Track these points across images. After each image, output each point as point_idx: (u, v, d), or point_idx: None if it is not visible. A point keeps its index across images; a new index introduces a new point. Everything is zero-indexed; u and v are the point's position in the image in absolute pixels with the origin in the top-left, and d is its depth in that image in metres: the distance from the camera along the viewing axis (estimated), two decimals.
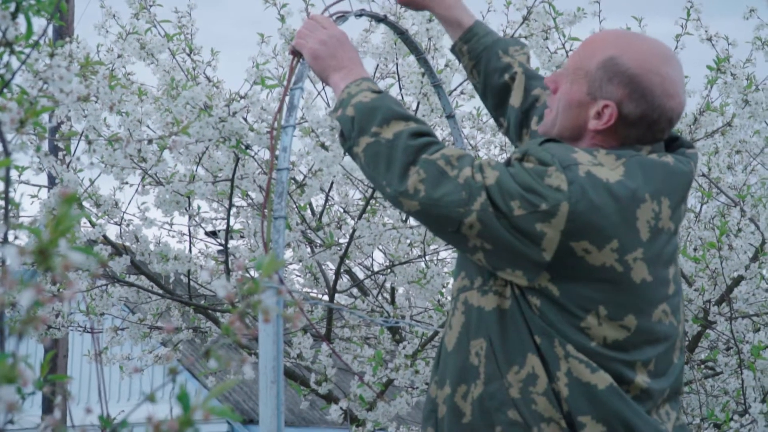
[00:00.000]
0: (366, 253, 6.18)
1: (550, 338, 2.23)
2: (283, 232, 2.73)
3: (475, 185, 2.23)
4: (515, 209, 2.20)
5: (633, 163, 2.29)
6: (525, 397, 2.24)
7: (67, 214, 1.17)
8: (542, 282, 2.24)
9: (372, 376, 5.60)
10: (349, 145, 2.46)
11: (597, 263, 2.21)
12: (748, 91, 5.42)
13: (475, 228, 2.23)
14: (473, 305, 2.35)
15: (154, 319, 5.96)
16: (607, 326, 2.23)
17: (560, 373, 2.22)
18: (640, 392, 2.27)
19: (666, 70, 2.37)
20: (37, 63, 3.57)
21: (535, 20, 5.19)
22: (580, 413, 2.21)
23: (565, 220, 2.18)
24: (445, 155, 2.30)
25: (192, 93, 4.62)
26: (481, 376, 2.30)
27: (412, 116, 2.43)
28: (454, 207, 2.24)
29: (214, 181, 5.13)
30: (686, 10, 5.69)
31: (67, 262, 1.14)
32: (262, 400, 2.65)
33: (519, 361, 2.25)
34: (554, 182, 2.19)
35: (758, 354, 5.46)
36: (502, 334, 2.28)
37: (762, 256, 5.73)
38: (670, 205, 2.31)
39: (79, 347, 13.32)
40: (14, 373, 1.11)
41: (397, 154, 2.33)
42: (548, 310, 2.23)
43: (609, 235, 2.20)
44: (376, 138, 2.38)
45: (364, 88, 2.51)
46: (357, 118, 2.44)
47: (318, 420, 15.07)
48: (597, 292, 2.23)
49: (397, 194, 2.31)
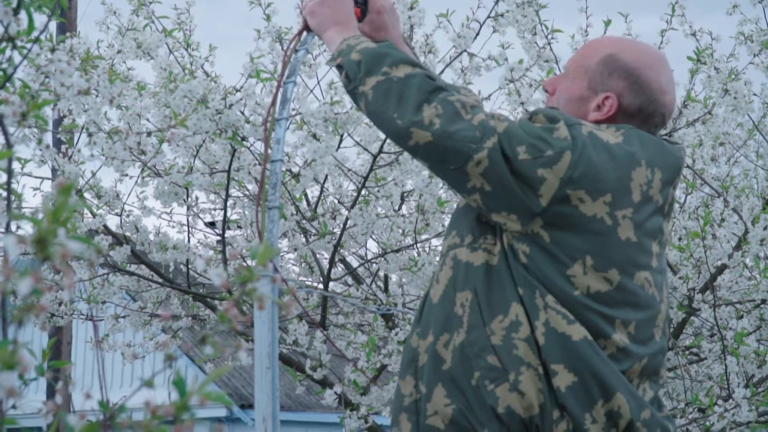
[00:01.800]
0: (359, 242, 6.23)
1: (532, 289, 2.29)
2: (278, 221, 2.78)
3: (488, 127, 2.30)
4: (521, 154, 2.28)
5: (632, 134, 2.39)
6: (506, 343, 2.29)
7: (64, 204, 1.17)
8: (534, 228, 2.31)
9: (366, 361, 5.69)
10: (354, 85, 2.49)
11: (589, 213, 2.30)
12: (728, 81, 5.49)
13: (482, 165, 2.30)
14: (462, 260, 2.41)
15: (154, 307, 6.01)
16: (592, 276, 2.31)
17: (539, 323, 2.28)
18: (616, 350, 2.32)
19: (660, 69, 2.51)
20: (38, 58, 3.67)
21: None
22: (554, 361, 2.27)
23: (567, 167, 2.27)
24: (461, 100, 2.36)
25: (189, 86, 4.70)
26: (464, 324, 2.35)
27: (419, 63, 2.50)
28: (467, 142, 2.29)
29: (211, 173, 5.18)
30: (671, 6, 5.78)
31: (65, 251, 1.15)
32: (257, 385, 2.70)
33: (503, 311, 2.31)
34: (561, 134, 2.29)
35: (741, 340, 5.54)
36: (488, 286, 2.35)
37: (745, 245, 5.80)
38: (661, 178, 2.40)
39: (82, 335, 13.41)
40: (15, 360, 1.13)
41: (411, 90, 2.38)
42: (537, 256, 2.31)
43: (604, 188, 2.30)
44: (387, 76, 2.43)
45: (364, 40, 2.58)
46: (365, 60, 2.48)
47: (313, 404, 15.17)
48: (585, 241, 2.31)
49: (411, 124, 2.34)
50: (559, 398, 2.29)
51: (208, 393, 1.24)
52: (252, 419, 14.76)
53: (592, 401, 2.29)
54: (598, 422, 2.30)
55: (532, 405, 2.29)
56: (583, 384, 2.29)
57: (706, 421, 5.39)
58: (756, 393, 5.40)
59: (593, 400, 2.30)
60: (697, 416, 5.64)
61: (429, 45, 5.23)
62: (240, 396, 15.01)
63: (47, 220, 1.16)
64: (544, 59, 5.39)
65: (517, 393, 2.29)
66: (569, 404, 2.28)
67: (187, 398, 1.22)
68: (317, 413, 15.42)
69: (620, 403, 2.31)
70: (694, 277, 5.90)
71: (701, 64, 5.57)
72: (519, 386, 2.29)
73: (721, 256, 5.82)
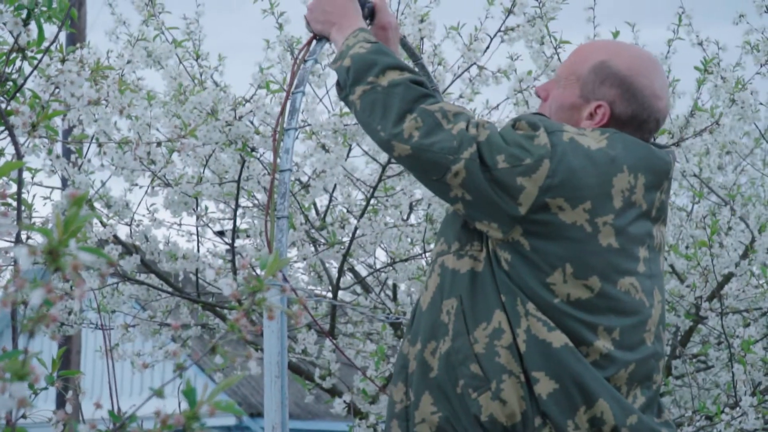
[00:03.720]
0: (368, 252, 6.24)
1: (514, 296, 2.31)
2: (287, 231, 2.79)
3: (467, 137, 2.33)
4: (499, 162, 2.31)
5: (615, 137, 2.39)
6: (489, 351, 2.32)
7: (76, 215, 1.18)
8: (515, 235, 2.33)
9: (374, 370, 5.70)
10: (345, 93, 2.54)
11: (568, 221, 2.32)
12: (735, 91, 5.51)
13: (459, 176, 2.33)
14: (448, 267, 2.44)
15: (164, 316, 6.02)
16: (572, 284, 2.32)
17: (520, 330, 2.30)
18: (599, 357, 2.34)
19: (653, 74, 2.50)
20: (48, 68, 3.70)
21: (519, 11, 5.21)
22: (535, 369, 2.30)
23: (545, 176, 2.29)
24: (443, 109, 2.39)
25: (199, 98, 4.74)
26: (450, 332, 2.38)
27: (407, 66, 2.51)
28: (444, 154, 2.33)
29: (220, 183, 5.19)
30: (678, 16, 5.79)
31: (76, 261, 1.16)
32: (267, 393, 2.72)
33: (487, 318, 2.34)
34: (540, 142, 2.30)
35: (748, 348, 5.54)
36: (473, 294, 2.37)
37: (751, 253, 5.82)
38: (645, 183, 2.40)
39: (92, 344, 13.44)
40: (25, 370, 1.14)
41: (394, 101, 2.40)
42: (518, 264, 2.33)
43: (583, 195, 2.31)
44: (372, 86, 2.45)
45: (360, 39, 2.58)
46: (353, 68, 2.51)
47: (323, 413, 15.19)
48: (565, 249, 2.32)
49: (391, 137, 2.38)
50: (541, 405, 2.31)
51: (218, 402, 1.26)
52: (261, 428, 14.76)
53: (574, 408, 2.31)
54: (581, 428, 2.32)
55: (514, 413, 2.31)
56: (564, 391, 2.30)
57: (713, 428, 5.39)
58: (763, 401, 5.40)
59: (575, 406, 2.31)
60: (704, 424, 5.64)
61: (438, 56, 5.24)
62: (249, 405, 15.04)
63: (58, 231, 1.17)
64: (552, 69, 5.40)
65: (499, 401, 2.31)
66: (551, 411, 2.31)
67: (198, 407, 1.25)
68: (326, 422, 15.45)
69: (603, 409, 2.32)
70: (701, 286, 5.90)
71: (708, 74, 5.59)
72: (501, 394, 2.31)
73: (728, 264, 5.83)
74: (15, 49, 3.05)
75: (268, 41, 5.68)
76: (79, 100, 3.54)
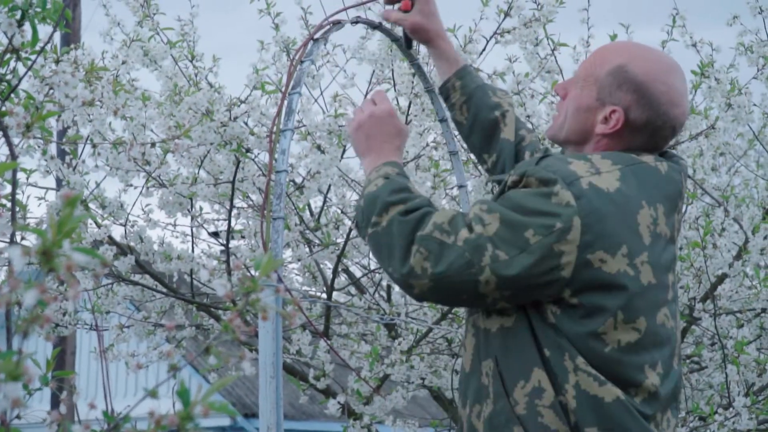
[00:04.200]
0: (363, 253, 6.25)
1: (561, 351, 2.27)
2: (282, 232, 2.78)
3: (477, 241, 2.25)
4: (530, 239, 2.23)
5: (626, 172, 2.35)
6: (530, 411, 2.28)
7: (70, 216, 1.18)
8: (564, 295, 2.28)
9: (369, 371, 5.70)
10: (362, 235, 2.49)
11: (612, 270, 2.26)
12: (731, 95, 5.53)
13: (491, 283, 2.25)
14: (480, 327, 2.41)
15: (158, 316, 6.02)
16: (622, 329, 2.28)
17: (569, 386, 2.26)
18: (648, 395, 2.32)
19: (672, 81, 2.46)
20: (43, 69, 3.70)
21: (515, 14, 5.22)
22: (587, 425, 2.25)
23: (580, 233, 2.22)
24: (437, 224, 2.30)
25: (194, 98, 4.73)
26: (491, 395, 2.35)
27: (403, 197, 2.43)
28: (464, 270, 2.24)
29: (215, 184, 5.19)
30: (672, 18, 5.81)
31: (70, 262, 1.15)
32: (262, 394, 2.71)
33: (525, 376, 2.30)
34: (563, 200, 2.24)
35: (741, 349, 5.55)
36: (506, 352, 2.34)
37: (745, 254, 5.82)
38: (664, 212, 2.37)
39: (86, 344, 13.46)
40: (19, 370, 1.12)
41: (394, 240, 2.33)
42: (567, 317, 2.27)
43: (619, 241, 2.26)
44: (375, 228, 2.39)
45: (380, 175, 2.52)
46: (364, 209, 2.46)
47: (317, 414, 15.20)
48: (615, 297, 2.27)
49: (405, 277, 2.30)
50: None
51: (212, 403, 1.25)
52: (256, 428, 14.77)
53: None
54: None
55: None
56: None
57: (707, 429, 5.40)
58: (756, 401, 5.41)
59: None
60: (697, 425, 5.65)
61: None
62: (243, 405, 15.04)
63: (52, 232, 1.17)
64: (546, 70, 5.41)
65: None
66: None
67: (191, 408, 1.24)
68: (321, 422, 15.45)
69: None
70: (695, 287, 5.92)
71: (704, 78, 5.60)
72: None
73: (721, 265, 5.84)
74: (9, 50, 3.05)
75: (262, 42, 5.69)
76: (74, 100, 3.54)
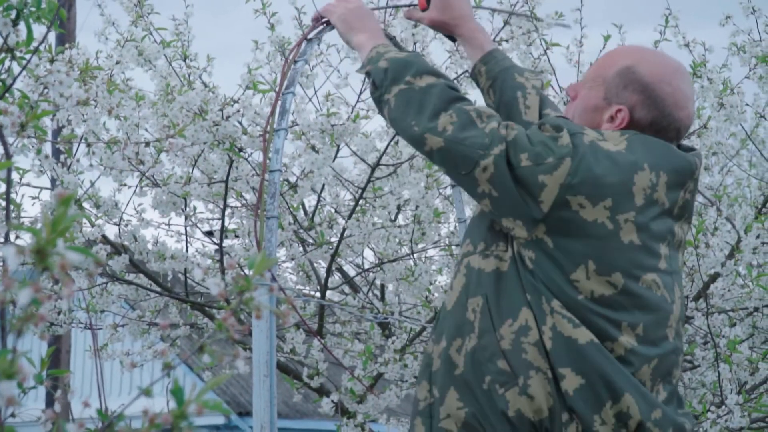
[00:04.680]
0: (356, 252, 6.26)
1: (539, 294, 2.36)
2: (276, 231, 2.81)
3: (498, 135, 2.39)
4: (523, 161, 2.36)
5: (634, 139, 2.44)
6: (516, 347, 2.36)
7: (64, 215, 1.17)
8: (539, 233, 2.37)
9: (362, 370, 5.71)
10: (380, 92, 2.61)
11: (589, 218, 2.34)
12: (723, 95, 5.54)
13: (488, 171, 2.39)
14: (474, 267, 2.49)
15: (152, 315, 6.03)
16: (595, 280, 2.35)
17: (545, 327, 2.34)
18: (624, 352, 2.36)
19: (678, 83, 2.53)
20: (37, 68, 3.71)
21: (515, 23, 5.25)
22: (561, 365, 2.33)
23: (566, 174, 2.33)
24: (477, 109, 2.47)
25: (187, 98, 4.74)
26: (476, 330, 2.42)
27: (443, 74, 2.60)
28: (476, 148, 2.39)
29: (209, 183, 5.20)
30: (665, 18, 5.82)
31: (64, 261, 1.15)
32: (255, 393, 2.74)
33: (513, 315, 2.38)
34: (563, 142, 2.36)
35: (734, 348, 5.57)
36: (498, 292, 2.42)
37: (738, 253, 5.84)
38: (666, 182, 2.42)
39: (81, 343, 13.44)
40: (14, 369, 1.12)
41: (431, 99, 2.50)
42: (542, 261, 2.37)
43: (604, 193, 2.34)
44: (410, 86, 2.55)
45: (392, 49, 2.71)
46: (391, 68, 2.60)
47: (311, 412, 15.19)
48: (587, 246, 2.35)
49: (425, 130, 2.46)
50: (568, 401, 2.34)
51: (206, 401, 1.26)
52: (250, 427, 14.78)
53: (601, 403, 2.34)
54: (608, 424, 2.35)
55: (541, 408, 2.35)
56: (590, 386, 2.34)
57: (700, 427, 5.41)
58: (748, 399, 5.44)
59: (601, 401, 2.34)
60: None
61: (427, 56, 5.25)
62: (238, 404, 15.04)
63: (47, 231, 1.17)
64: (540, 70, 5.41)
65: (527, 397, 2.35)
66: (578, 407, 2.33)
67: (186, 406, 1.25)
68: (314, 421, 15.44)
69: (629, 404, 2.35)
70: (688, 285, 5.93)
71: (697, 77, 5.61)
72: (528, 390, 2.35)
73: (714, 264, 5.85)
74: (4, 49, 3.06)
75: (256, 42, 5.69)
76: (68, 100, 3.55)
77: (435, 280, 6.09)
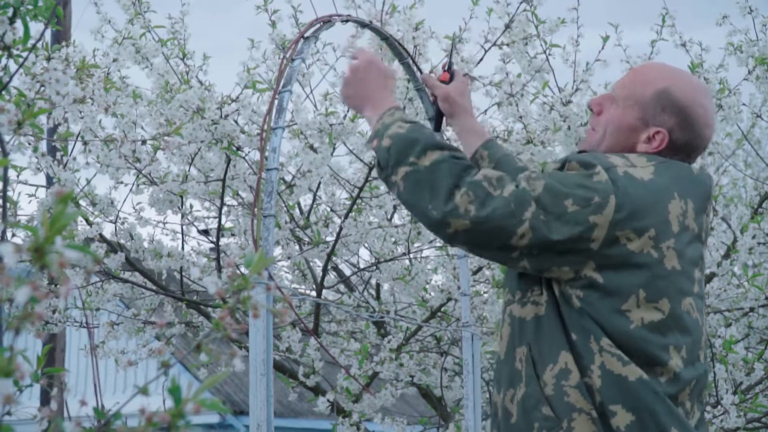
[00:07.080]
0: (352, 251, 6.25)
1: (586, 333, 2.40)
2: (273, 230, 2.79)
3: (521, 196, 2.38)
4: (569, 207, 2.36)
5: (661, 167, 2.49)
6: (557, 392, 2.41)
7: (62, 213, 1.17)
8: (587, 272, 2.40)
9: (358, 369, 5.72)
10: (387, 174, 2.56)
11: (637, 250, 2.39)
12: (721, 96, 5.54)
13: (526, 237, 2.37)
14: (516, 316, 2.55)
15: (148, 314, 6.03)
16: (644, 308, 2.40)
17: (594, 366, 2.39)
18: (672, 375, 2.42)
19: (707, 103, 2.62)
20: (34, 66, 3.70)
21: (516, 27, 5.25)
22: (612, 402, 2.37)
23: (613, 210, 2.36)
24: (486, 176, 2.43)
25: (185, 96, 4.74)
26: (523, 379, 2.49)
27: (446, 144, 2.55)
28: (506, 219, 2.36)
29: (206, 181, 5.21)
30: (662, 17, 5.82)
31: (62, 259, 1.14)
32: (252, 391, 2.73)
33: (553, 360, 2.43)
34: (601, 179, 2.38)
35: (730, 348, 5.59)
36: (538, 339, 2.47)
37: (733, 253, 5.85)
38: (694, 208, 2.48)
39: (76, 342, 13.44)
40: (11, 367, 1.12)
41: (441, 178, 2.44)
42: (592, 298, 2.40)
43: (647, 224, 2.39)
44: (415, 167, 2.49)
45: (397, 119, 2.65)
46: (394, 148, 2.55)
47: (306, 411, 15.20)
48: (637, 276, 2.39)
49: (445, 215, 2.40)
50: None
51: (203, 400, 1.25)
52: (244, 426, 14.78)
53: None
54: None
55: None
56: (640, 422, 2.39)
57: None
58: (744, 399, 5.44)
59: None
60: None
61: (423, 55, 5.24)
62: (232, 402, 15.04)
63: (44, 229, 1.16)
64: (536, 69, 5.40)
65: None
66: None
67: (182, 405, 1.24)
68: (310, 420, 15.45)
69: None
70: None
71: None
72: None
73: (709, 264, 5.86)
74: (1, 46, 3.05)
75: (253, 40, 5.68)
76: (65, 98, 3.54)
77: (431, 279, 6.10)
